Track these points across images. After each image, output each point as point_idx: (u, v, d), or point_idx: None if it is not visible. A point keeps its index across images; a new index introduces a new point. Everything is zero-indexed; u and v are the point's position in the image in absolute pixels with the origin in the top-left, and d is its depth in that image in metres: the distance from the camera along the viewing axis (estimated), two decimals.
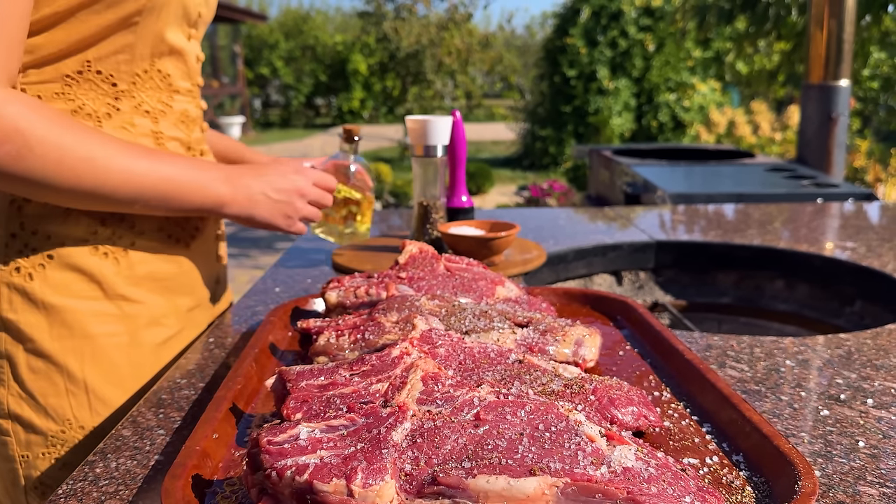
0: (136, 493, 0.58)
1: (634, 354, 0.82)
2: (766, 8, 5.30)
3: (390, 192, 7.77)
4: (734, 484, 0.55)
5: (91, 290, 0.87)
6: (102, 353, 0.87)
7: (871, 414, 0.70)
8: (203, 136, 1.02)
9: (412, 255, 0.97)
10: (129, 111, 0.88)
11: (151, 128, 0.91)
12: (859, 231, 1.59)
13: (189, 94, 0.97)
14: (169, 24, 0.89)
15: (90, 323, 0.87)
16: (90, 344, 0.87)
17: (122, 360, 0.89)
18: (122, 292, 0.89)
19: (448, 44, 11.40)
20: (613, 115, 10.71)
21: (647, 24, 10.88)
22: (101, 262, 0.87)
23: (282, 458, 0.48)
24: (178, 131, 0.95)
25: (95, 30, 0.82)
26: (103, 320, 0.88)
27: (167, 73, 0.92)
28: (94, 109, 0.86)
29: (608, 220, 1.74)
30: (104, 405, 0.88)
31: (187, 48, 0.94)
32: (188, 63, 0.95)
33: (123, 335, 0.89)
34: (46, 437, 0.86)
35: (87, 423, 0.87)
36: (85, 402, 0.86)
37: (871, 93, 9.00)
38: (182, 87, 0.95)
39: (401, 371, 0.60)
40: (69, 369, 0.85)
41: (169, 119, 0.93)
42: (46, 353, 0.84)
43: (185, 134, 0.96)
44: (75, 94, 0.84)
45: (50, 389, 0.85)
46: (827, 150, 3.51)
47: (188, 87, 0.96)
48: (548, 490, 0.46)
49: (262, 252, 5.89)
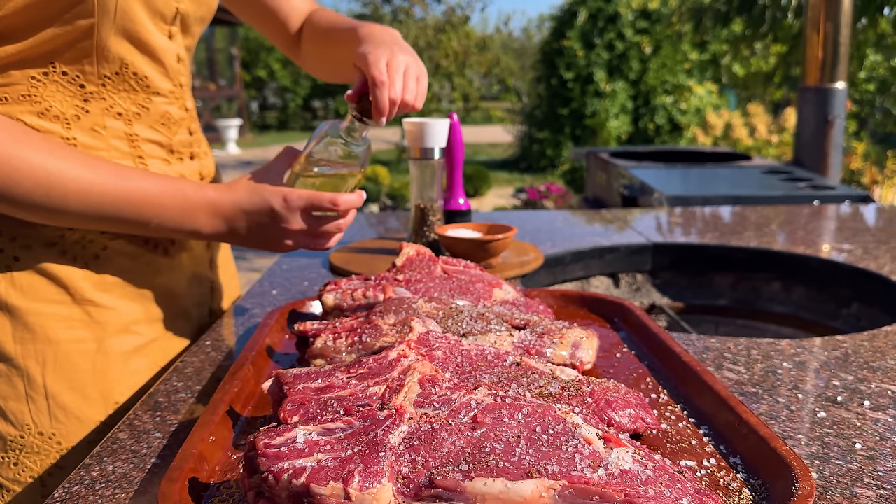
0: (133, 496, 0.58)
1: (632, 357, 0.82)
2: (763, 10, 5.31)
3: (387, 194, 7.77)
4: (731, 486, 0.55)
5: (58, 293, 0.85)
6: (66, 358, 0.85)
7: (868, 416, 0.70)
8: (193, 138, 0.99)
9: (409, 258, 0.97)
10: (99, 113, 0.86)
11: (125, 130, 0.88)
12: (856, 233, 1.59)
13: (171, 96, 0.93)
14: (138, 24, 0.85)
15: (55, 328, 0.84)
16: (53, 349, 0.84)
17: (87, 366, 0.87)
18: (91, 297, 0.87)
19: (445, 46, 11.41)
20: (610, 118, 10.73)
21: (643, 26, 10.91)
22: (69, 266, 0.85)
23: (279, 462, 0.48)
24: (156, 134, 0.92)
25: (54, 38, 0.80)
26: (70, 325, 0.85)
27: (144, 75, 0.88)
28: (62, 111, 0.83)
29: (605, 223, 1.74)
30: (64, 412, 0.85)
31: (166, 48, 0.90)
32: (167, 63, 0.91)
33: (90, 342, 0.87)
34: (6, 442, 0.84)
35: (45, 429, 0.84)
36: (44, 407, 0.84)
37: (867, 95, 9.02)
38: (162, 88, 0.92)
39: (398, 374, 0.59)
40: (29, 373, 0.83)
41: (145, 121, 0.90)
42: (8, 356, 0.83)
43: (165, 136, 0.93)
44: (42, 95, 0.82)
45: (10, 393, 0.83)
46: (823, 152, 3.51)
47: (169, 88, 0.93)
48: (545, 492, 0.46)
49: (258, 254, 5.88)
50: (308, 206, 0.87)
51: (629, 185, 3.35)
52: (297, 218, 0.88)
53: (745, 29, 5.63)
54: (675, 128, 10.94)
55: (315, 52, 1.14)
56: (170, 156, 0.94)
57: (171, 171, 0.93)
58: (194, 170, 0.99)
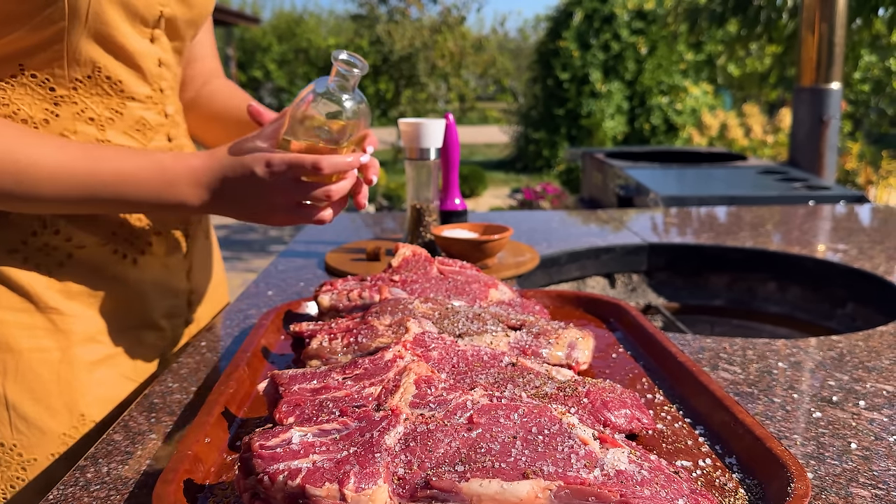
0: (128, 498, 0.58)
1: (627, 357, 0.82)
2: (758, 11, 5.33)
3: (383, 194, 7.76)
4: (727, 486, 0.55)
5: (20, 302, 0.82)
6: (28, 368, 0.82)
7: (864, 416, 0.70)
8: (173, 144, 0.95)
9: (405, 258, 0.97)
10: (69, 117, 0.82)
11: (97, 136, 0.84)
12: (851, 233, 1.59)
13: (149, 101, 0.89)
14: (112, 27, 0.81)
15: (18, 336, 0.81)
16: (14, 358, 0.81)
17: (50, 376, 0.83)
18: (56, 305, 0.84)
19: (441, 47, 11.40)
20: (606, 118, 10.74)
21: (639, 27, 10.93)
22: (31, 273, 0.82)
23: (274, 463, 0.48)
24: (130, 140, 0.88)
25: (24, 41, 0.78)
26: (33, 334, 0.82)
27: (118, 80, 0.85)
28: (31, 115, 0.80)
29: (601, 223, 1.74)
30: (26, 423, 0.82)
31: (145, 52, 0.87)
32: (145, 68, 0.87)
33: (54, 350, 0.84)
34: None
35: (6, 440, 0.82)
36: (5, 418, 0.81)
37: (862, 96, 9.06)
38: (138, 92, 0.88)
39: (394, 374, 0.59)
40: None
41: (119, 127, 0.86)
42: None
43: (140, 143, 0.89)
44: (10, 98, 0.79)
45: None
46: (818, 152, 3.52)
47: (146, 93, 0.89)
48: (541, 493, 0.46)
49: (254, 255, 5.87)
50: (291, 170, 0.80)
51: (625, 186, 3.36)
52: (281, 184, 0.80)
53: (740, 29, 5.64)
54: (670, 128, 10.97)
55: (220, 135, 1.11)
56: None
57: None
58: None
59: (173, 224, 0.96)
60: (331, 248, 1.44)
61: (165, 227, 0.94)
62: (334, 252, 1.38)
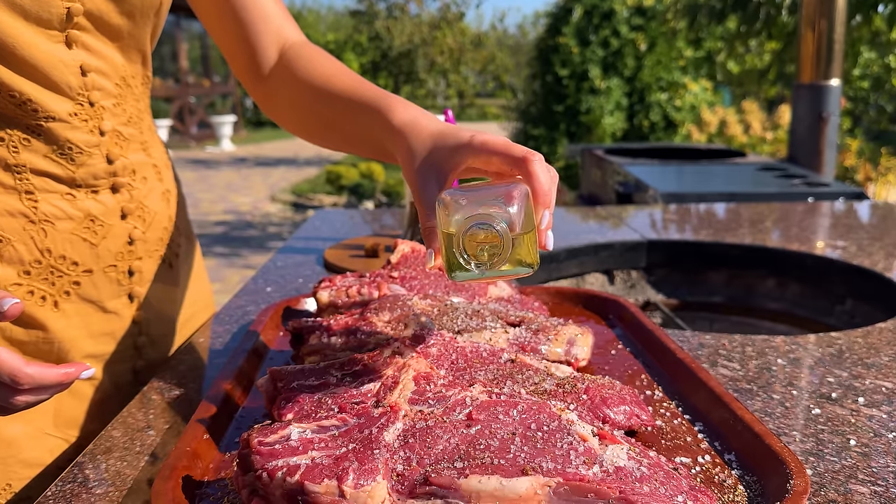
0: (126, 494, 0.58)
1: (626, 353, 0.82)
2: (757, 7, 5.32)
3: (382, 191, 7.76)
4: (726, 483, 0.55)
5: None
6: None
7: (863, 412, 0.70)
8: (117, 166, 0.78)
9: (404, 255, 0.97)
10: None
11: (8, 160, 0.70)
12: (850, 230, 1.59)
13: (75, 119, 0.73)
14: (8, 33, 0.66)
15: None
16: None
17: None
18: None
19: (440, 43, 11.39)
20: (605, 115, 10.73)
21: (638, 23, 10.91)
22: None
23: (273, 459, 0.48)
24: (53, 165, 0.73)
25: None
26: None
27: (26, 98, 0.69)
28: None
29: (600, 220, 1.74)
30: None
31: (55, 61, 0.70)
32: (59, 80, 0.71)
33: None
34: None
35: None
36: None
37: (861, 92, 9.05)
38: (58, 111, 0.72)
39: (392, 371, 0.59)
40: None
41: (38, 150, 0.71)
42: None
43: (67, 170, 0.74)
44: None
45: None
46: (818, 149, 3.52)
47: (69, 109, 0.73)
48: (540, 490, 0.46)
49: (253, 251, 5.87)
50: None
51: (624, 182, 3.36)
52: None
53: (739, 26, 5.64)
54: (669, 125, 10.95)
55: (306, 106, 0.88)
56: (75, 190, 0.75)
57: (75, 210, 0.75)
58: (113, 206, 0.79)
59: (111, 259, 0.79)
60: (330, 244, 1.44)
61: (99, 264, 0.78)
62: (333, 248, 1.38)
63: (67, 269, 0.76)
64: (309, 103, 0.87)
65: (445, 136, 0.64)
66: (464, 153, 0.61)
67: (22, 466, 0.75)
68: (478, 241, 0.52)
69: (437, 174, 0.63)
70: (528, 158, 0.57)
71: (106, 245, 0.78)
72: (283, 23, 0.91)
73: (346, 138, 0.84)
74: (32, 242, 0.73)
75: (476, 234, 0.52)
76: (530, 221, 0.53)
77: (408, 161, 0.66)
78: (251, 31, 0.89)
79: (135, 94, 0.82)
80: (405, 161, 0.67)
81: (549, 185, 0.56)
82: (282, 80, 0.90)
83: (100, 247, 0.78)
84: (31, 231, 0.72)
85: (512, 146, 0.59)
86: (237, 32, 0.90)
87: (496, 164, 0.60)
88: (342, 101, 0.81)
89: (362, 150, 0.83)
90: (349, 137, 0.83)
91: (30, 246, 0.72)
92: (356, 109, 0.78)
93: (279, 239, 6.35)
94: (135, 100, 0.82)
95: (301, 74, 0.87)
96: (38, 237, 0.73)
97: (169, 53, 16.18)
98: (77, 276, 0.76)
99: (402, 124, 0.69)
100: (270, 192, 8.90)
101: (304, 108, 0.88)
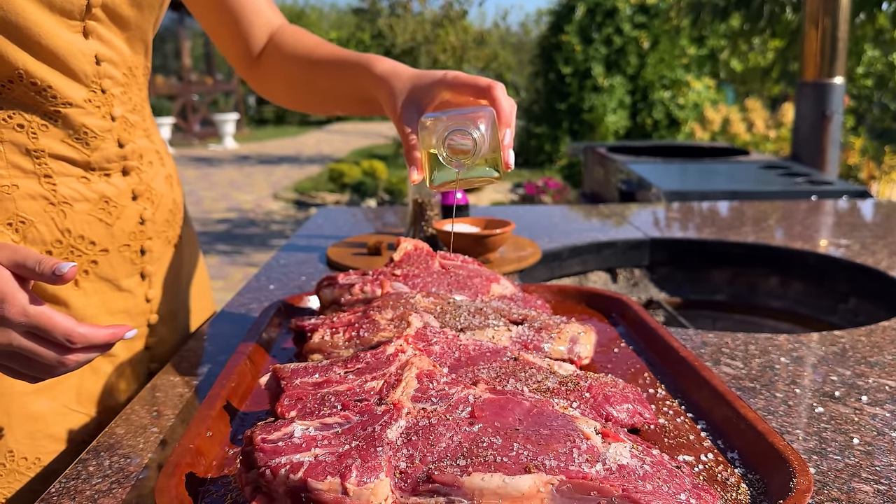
0: (130, 490, 0.58)
1: (629, 352, 0.82)
2: (761, 5, 5.31)
3: (385, 189, 7.76)
4: (729, 481, 0.55)
5: None
6: None
7: (866, 411, 0.70)
8: (127, 150, 0.83)
9: (407, 253, 0.97)
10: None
11: (28, 146, 0.74)
12: (853, 228, 1.59)
13: (89, 105, 0.78)
14: (31, 23, 0.70)
15: None
16: None
17: None
18: None
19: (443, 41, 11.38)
20: (608, 113, 10.72)
21: (641, 21, 10.89)
22: None
23: (276, 457, 0.48)
24: (70, 150, 0.77)
25: None
26: None
27: (46, 85, 0.74)
28: None
29: (603, 218, 1.74)
30: None
31: (75, 50, 0.75)
32: (77, 68, 0.76)
33: None
34: None
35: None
36: None
37: (865, 90, 9.03)
38: (74, 97, 0.76)
39: (395, 369, 0.59)
40: None
41: (55, 135, 0.76)
42: None
43: (83, 154, 0.78)
44: None
45: None
46: (821, 147, 3.51)
47: (84, 96, 0.77)
48: (543, 488, 0.46)
49: (255, 249, 5.87)
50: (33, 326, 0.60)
51: (627, 181, 3.35)
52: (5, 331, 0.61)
53: (743, 24, 5.63)
54: (672, 123, 10.94)
55: (295, 77, 0.97)
56: (90, 173, 0.79)
57: (90, 192, 0.79)
58: (125, 188, 0.83)
59: (125, 239, 0.84)
60: (332, 242, 1.44)
61: (114, 244, 0.83)
62: (336, 246, 1.38)
63: (86, 249, 0.80)
64: (299, 74, 0.97)
65: (422, 76, 0.77)
66: (439, 87, 0.75)
67: (49, 441, 0.78)
68: (454, 152, 0.68)
69: (416, 107, 0.75)
70: (492, 86, 0.71)
71: (120, 225, 0.83)
72: (270, 11, 1.02)
73: (337, 98, 0.95)
74: (53, 223, 0.77)
75: (454, 143, 0.67)
76: (496, 137, 0.68)
77: (391, 101, 0.78)
78: (244, 23, 0.99)
79: (138, 84, 0.87)
80: (389, 102, 0.78)
81: (511, 109, 0.71)
82: (273, 60, 1.00)
83: (114, 227, 0.82)
84: (52, 213, 0.76)
85: (478, 78, 0.73)
86: (231, 25, 0.99)
87: (466, 93, 0.74)
88: (328, 65, 0.92)
89: (350, 105, 0.93)
90: (339, 97, 0.94)
91: (51, 227, 0.76)
92: (341, 68, 0.90)
93: (282, 237, 6.35)
94: (138, 89, 0.87)
95: (289, 51, 0.98)
96: (58, 218, 0.77)
97: (172, 51, 16.18)
98: (95, 255, 0.81)
99: (384, 72, 0.81)
100: (273, 189, 8.90)
101: (295, 80, 0.99)
